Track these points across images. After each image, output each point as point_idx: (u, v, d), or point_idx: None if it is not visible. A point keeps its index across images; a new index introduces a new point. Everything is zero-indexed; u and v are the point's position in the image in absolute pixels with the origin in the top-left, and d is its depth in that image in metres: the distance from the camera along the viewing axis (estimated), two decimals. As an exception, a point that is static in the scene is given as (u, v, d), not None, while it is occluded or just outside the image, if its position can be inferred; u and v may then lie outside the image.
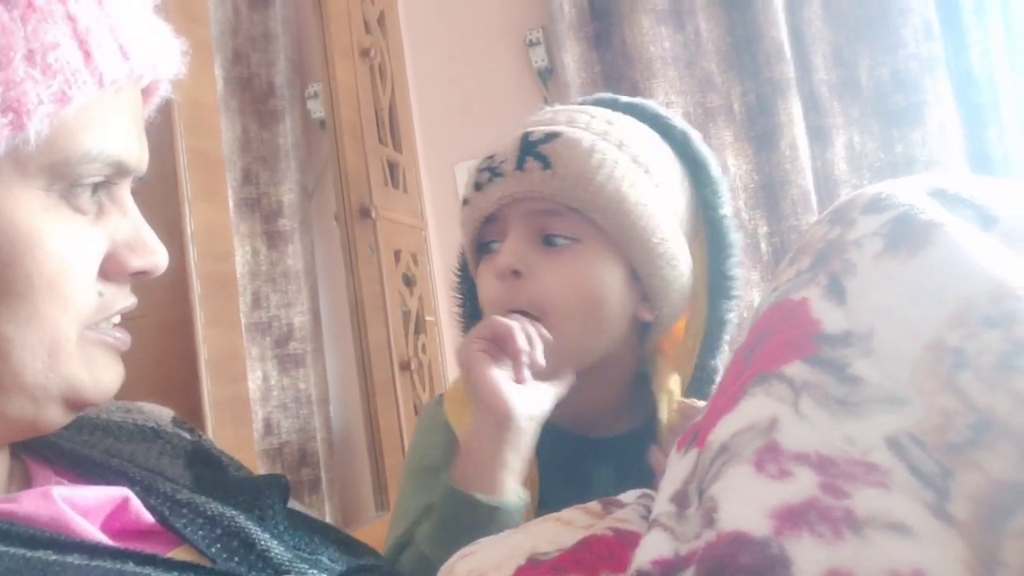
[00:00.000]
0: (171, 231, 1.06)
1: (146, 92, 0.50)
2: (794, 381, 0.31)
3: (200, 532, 0.42)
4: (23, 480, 0.45)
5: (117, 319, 0.48)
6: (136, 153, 0.46)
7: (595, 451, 0.73)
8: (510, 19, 1.81)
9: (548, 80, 1.77)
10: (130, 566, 0.35)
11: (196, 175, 1.11)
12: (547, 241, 0.67)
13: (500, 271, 0.67)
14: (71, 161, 0.41)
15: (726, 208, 0.73)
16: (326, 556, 0.45)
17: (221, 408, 1.06)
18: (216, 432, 1.04)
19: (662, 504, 0.32)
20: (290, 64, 1.85)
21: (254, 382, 1.70)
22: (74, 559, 0.34)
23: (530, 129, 0.69)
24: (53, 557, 0.34)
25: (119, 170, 0.45)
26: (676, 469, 0.33)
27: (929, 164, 1.48)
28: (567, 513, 0.43)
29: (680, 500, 0.31)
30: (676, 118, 0.74)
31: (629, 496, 0.45)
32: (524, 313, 0.66)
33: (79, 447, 0.52)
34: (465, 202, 0.72)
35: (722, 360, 0.74)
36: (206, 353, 1.05)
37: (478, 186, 0.69)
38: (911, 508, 0.27)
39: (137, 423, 0.59)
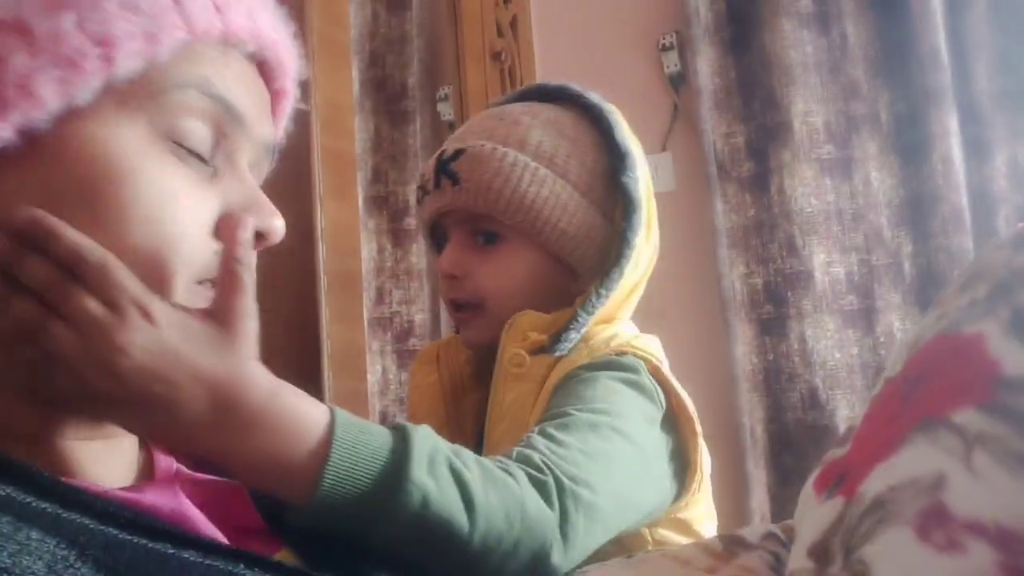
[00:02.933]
0: (302, 228, 1.10)
1: (269, 79, 0.48)
2: (966, 431, 0.26)
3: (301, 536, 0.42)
4: (147, 466, 0.47)
5: None
6: (249, 106, 0.44)
7: None
8: (643, 23, 1.77)
9: (679, 86, 1.72)
10: (240, 568, 0.35)
11: (329, 174, 1.14)
12: (484, 238, 0.76)
13: (442, 274, 0.77)
14: (164, 88, 0.41)
15: (633, 171, 0.76)
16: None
17: (341, 403, 1.09)
18: (335, 425, 1.07)
19: (799, 558, 0.28)
20: (423, 66, 1.89)
21: (373, 375, 1.74)
22: (190, 555, 0.35)
23: (444, 147, 0.77)
24: (171, 551, 0.34)
25: (228, 111, 0.43)
26: (816, 516, 0.30)
27: (1107, 183, 1.32)
28: (685, 551, 0.40)
29: (820, 555, 0.28)
30: (593, 95, 0.80)
31: (753, 534, 0.41)
32: (463, 304, 0.77)
33: None
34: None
35: (608, 289, 0.75)
36: (330, 348, 1.07)
37: (417, 202, 0.80)
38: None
39: None
